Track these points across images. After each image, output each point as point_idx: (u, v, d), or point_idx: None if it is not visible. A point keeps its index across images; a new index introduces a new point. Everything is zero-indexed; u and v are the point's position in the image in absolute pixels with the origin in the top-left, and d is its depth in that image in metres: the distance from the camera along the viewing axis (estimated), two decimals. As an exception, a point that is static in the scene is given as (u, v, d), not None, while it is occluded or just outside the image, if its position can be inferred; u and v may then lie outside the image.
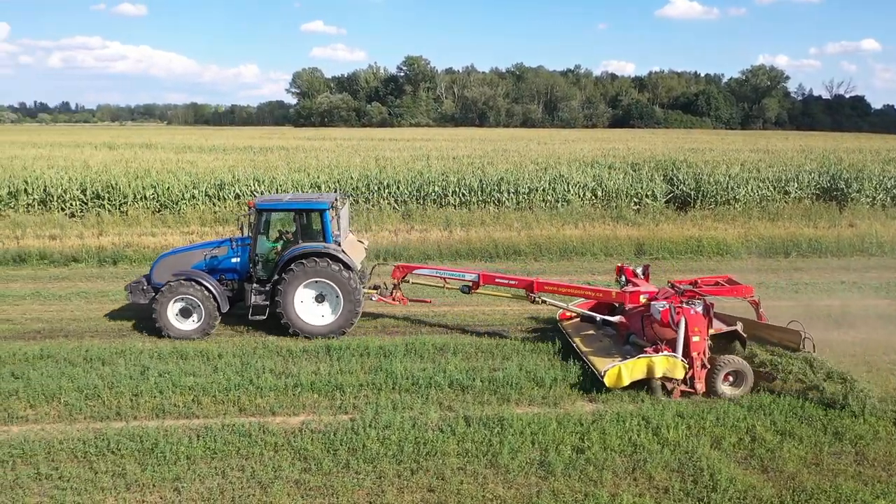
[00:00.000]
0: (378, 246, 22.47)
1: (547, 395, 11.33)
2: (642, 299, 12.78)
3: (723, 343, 12.35)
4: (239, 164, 36.02)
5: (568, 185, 29.43)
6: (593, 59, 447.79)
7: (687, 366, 11.19)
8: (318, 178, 29.65)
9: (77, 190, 28.18)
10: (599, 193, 29.46)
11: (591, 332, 13.85)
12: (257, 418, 10.55)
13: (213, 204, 28.01)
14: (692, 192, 29.85)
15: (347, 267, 14.10)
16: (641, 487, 8.73)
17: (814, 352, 11.86)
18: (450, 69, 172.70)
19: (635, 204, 29.20)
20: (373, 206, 28.08)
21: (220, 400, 11.10)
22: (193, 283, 14.17)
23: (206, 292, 14.13)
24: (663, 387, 11.32)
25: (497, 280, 14.32)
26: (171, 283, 14.22)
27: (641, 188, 29.79)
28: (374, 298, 15.34)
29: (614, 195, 29.30)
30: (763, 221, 26.87)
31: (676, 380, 11.22)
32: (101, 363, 12.71)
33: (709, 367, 11.32)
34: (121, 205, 27.78)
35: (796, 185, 31.04)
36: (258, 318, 14.41)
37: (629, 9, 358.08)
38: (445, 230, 24.77)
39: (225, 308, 14.43)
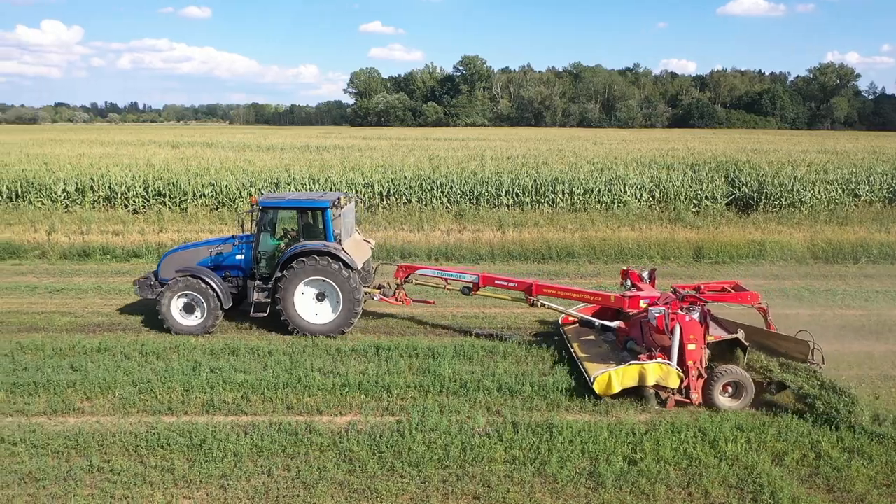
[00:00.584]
0: (430, 246, 22.40)
1: (598, 402, 10.97)
2: (642, 304, 12.22)
3: (728, 352, 11.73)
4: (295, 162, 36.48)
5: (624, 186, 28.80)
6: (653, 57, 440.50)
7: (681, 374, 10.72)
8: (372, 176, 29.77)
9: (140, 187, 28.98)
10: (657, 195, 28.72)
11: (591, 337, 13.39)
12: (304, 417, 10.54)
13: (269, 202, 28.35)
14: (755, 195, 28.82)
15: (347, 266, 13.99)
16: (696, 503, 8.34)
17: (823, 364, 11.24)
18: (506, 69, 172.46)
19: (694, 206, 28.37)
20: (425, 205, 28.01)
21: (269, 398, 11.14)
22: (196, 280, 14.29)
23: (208, 289, 14.22)
24: (657, 395, 10.92)
25: (497, 282, 14.00)
26: (175, 280, 14.41)
27: (701, 189, 28.94)
28: (375, 298, 15.27)
29: (672, 197, 28.53)
30: (831, 225, 25.70)
31: (671, 389, 10.77)
32: (156, 357, 12.95)
33: (705, 376, 10.82)
34: (181, 202, 28.45)
35: (867, 187, 29.68)
36: (259, 314, 14.44)
37: (690, 6, 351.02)
38: (498, 231, 24.51)
39: (227, 304, 14.47)
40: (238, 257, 14.95)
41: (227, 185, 28.80)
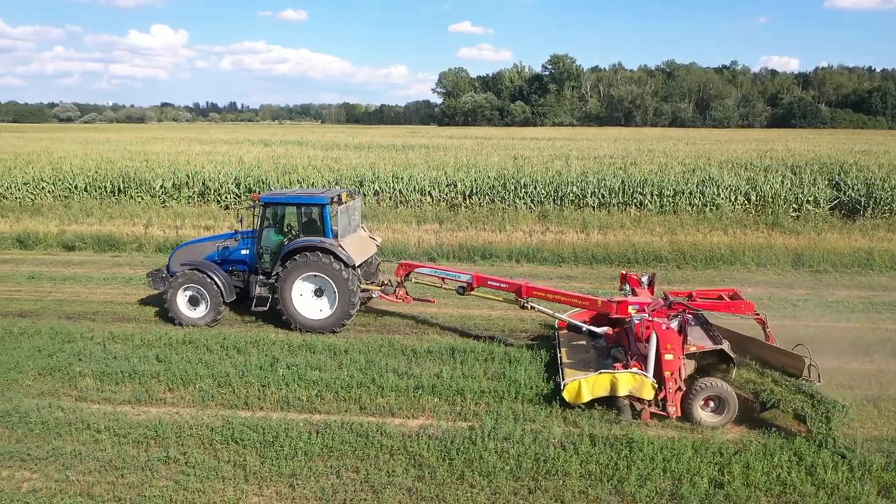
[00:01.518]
0: (511, 247, 22.02)
1: (682, 418, 10.33)
2: (631, 310, 11.49)
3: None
4: (379, 161, 36.83)
5: (718, 188, 27.44)
6: (752, 54, 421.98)
7: (656, 385, 10.09)
8: (455, 175, 29.63)
9: (232, 184, 29.98)
10: (753, 198, 27.20)
11: (582, 343, 12.71)
12: (376, 418, 10.42)
13: (354, 200, 28.70)
14: (862, 199, 26.81)
15: (343, 262, 13.98)
16: (790, 535, 7.67)
17: (819, 381, 10.35)
18: (596, 67, 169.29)
19: (794, 210, 26.71)
20: (508, 205, 27.61)
21: (342, 397, 11.09)
22: (200, 273, 14.57)
23: (211, 282, 14.50)
24: (632, 407, 10.39)
25: (489, 282, 13.69)
26: (180, 273, 14.74)
27: (802, 193, 27.19)
28: (375, 295, 15.26)
29: (770, 200, 26.94)
30: (949, 233, 23.62)
31: (646, 400, 10.17)
32: (237, 351, 13.17)
33: (684, 388, 10.16)
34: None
35: None
36: (260, 309, 14.61)
37: (794, 1, 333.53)
38: (582, 232, 23.84)
39: (229, 298, 14.73)
40: (243, 252, 15.22)
41: (313, 183, 29.33)
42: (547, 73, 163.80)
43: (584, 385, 10.31)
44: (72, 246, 23.62)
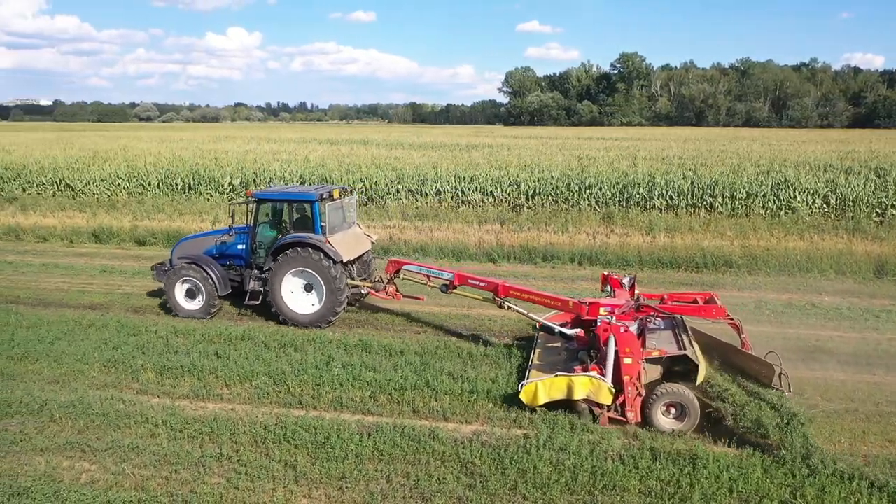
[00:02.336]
0: (573, 248, 21.50)
1: (749, 433, 9.73)
2: (602, 312, 11.10)
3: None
4: (442, 160, 36.74)
5: (794, 191, 26.16)
6: (833, 51, 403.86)
7: (613, 390, 9.79)
8: (518, 175, 29.24)
9: (297, 181, 30.39)
10: (832, 201, 25.82)
11: (557, 344, 12.28)
12: (429, 422, 10.22)
13: (415, 199, 28.72)
14: (954, 204, 25.13)
15: (329, 257, 14.12)
16: (870, 568, 7.07)
17: (788, 391, 10.02)
18: (666, 66, 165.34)
19: (878, 215, 25.22)
20: (572, 206, 27.05)
21: (396, 399, 10.93)
22: (196, 267, 14.99)
23: (206, 276, 14.91)
24: (591, 411, 10.10)
25: (469, 281, 13.57)
26: (178, 266, 15.18)
27: (887, 197, 25.64)
28: (364, 292, 15.34)
29: (851, 204, 25.52)
30: None
31: (604, 405, 9.90)
32: (294, 349, 13.21)
33: (643, 394, 9.93)
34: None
35: None
36: (253, 303, 15.00)
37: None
38: (648, 235, 23.09)
39: (223, 291, 15.09)
40: (240, 247, 15.56)
41: (375, 182, 29.47)
42: (615, 71, 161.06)
43: (541, 387, 10.13)
44: (143, 241, 24.37)
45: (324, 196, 14.69)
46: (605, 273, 13.06)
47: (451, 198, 28.55)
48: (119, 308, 16.23)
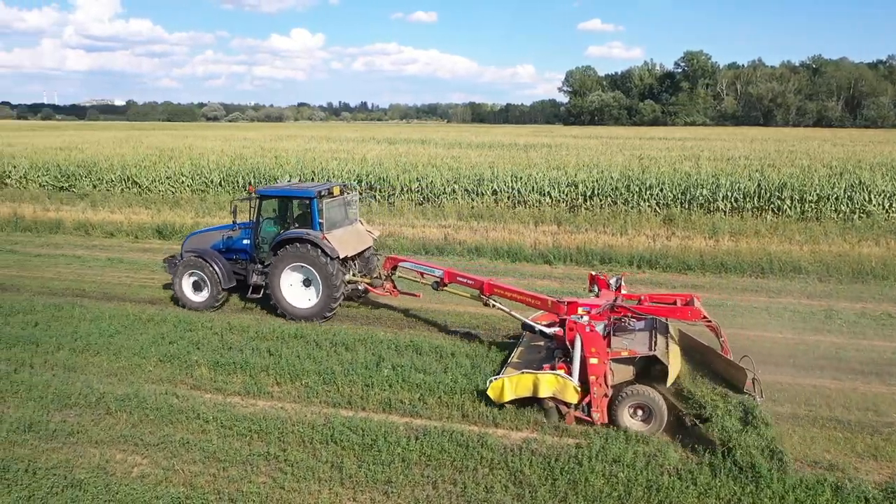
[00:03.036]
0: (632, 251, 20.90)
1: (818, 453, 9.19)
2: (581, 311, 10.98)
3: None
4: (499, 160, 36.41)
5: (870, 194, 24.87)
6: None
7: (578, 389, 9.81)
8: (576, 176, 28.70)
9: (354, 180, 30.56)
10: (912, 205, 24.44)
11: (541, 343, 11.99)
12: (478, 428, 10.00)
13: (471, 199, 28.50)
14: None
15: (325, 253, 14.38)
16: None
17: (761, 396, 9.79)
18: (733, 64, 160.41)
19: (962, 220, 23.74)
20: (631, 208, 26.36)
21: (445, 402, 10.74)
22: (202, 261, 15.49)
23: (211, 269, 15.39)
24: (558, 410, 10.05)
25: (458, 278, 13.66)
26: (185, 260, 15.74)
27: (972, 201, 24.12)
28: (361, 287, 15.62)
29: (932, 208, 24.10)
30: None
31: (570, 404, 9.89)
32: (345, 348, 13.17)
33: (610, 394, 9.89)
34: (389, 196, 29.55)
35: None
36: (255, 296, 15.48)
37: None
38: (710, 239, 22.28)
39: (227, 284, 15.56)
40: (245, 242, 16.00)
41: (432, 181, 29.38)
42: (679, 70, 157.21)
43: (508, 384, 10.17)
44: (204, 237, 24.83)
45: (322, 193, 14.99)
46: (593, 273, 12.98)
47: (508, 198, 28.22)
48: (177, 303, 16.52)
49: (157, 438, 9.64)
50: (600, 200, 27.00)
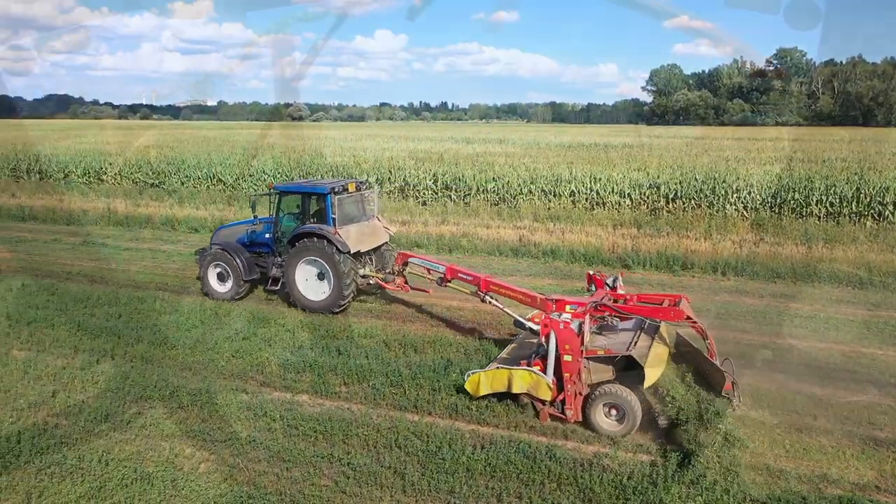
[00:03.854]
0: (717, 257, 19.86)
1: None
2: (569, 309, 10.74)
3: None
4: (578, 160, 35.62)
5: None
6: None
7: (552, 386, 9.83)
8: (658, 177, 27.69)
9: (430, 181, 30.53)
10: None
11: (534, 340, 11.64)
12: (547, 439, 9.61)
13: (548, 200, 27.94)
14: None
15: (336, 248, 14.73)
16: None
17: (738, 401, 9.92)
18: (830, 61, 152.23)
19: None
20: (717, 211, 25.20)
21: (514, 411, 10.35)
22: (226, 254, 16.16)
23: (233, 261, 16.05)
24: (533, 406, 10.16)
25: (459, 274, 13.74)
26: (211, 252, 16.43)
27: None
28: (371, 282, 15.87)
29: None
30: None
31: (544, 400, 9.95)
32: (413, 350, 13.00)
33: (584, 392, 9.84)
34: (465, 196, 29.34)
35: None
36: (273, 288, 16.07)
37: None
38: (802, 245, 20.96)
39: (249, 276, 16.20)
40: (267, 236, 16.61)
41: (508, 181, 28.99)
42: (771, 68, 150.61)
43: (484, 378, 10.34)
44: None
45: (336, 189, 15.32)
46: (591, 272, 12.69)
47: (586, 199, 27.51)
48: (251, 298, 16.81)
49: (224, 434, 9.71)
50: (683, 203, 25.94)
